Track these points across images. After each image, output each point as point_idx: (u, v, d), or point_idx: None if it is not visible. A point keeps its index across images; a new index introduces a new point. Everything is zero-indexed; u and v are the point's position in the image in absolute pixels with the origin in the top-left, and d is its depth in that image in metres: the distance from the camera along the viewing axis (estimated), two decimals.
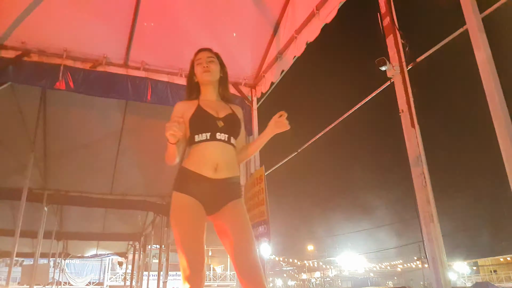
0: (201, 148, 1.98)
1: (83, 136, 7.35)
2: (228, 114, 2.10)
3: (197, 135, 2.01)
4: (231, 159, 2.03)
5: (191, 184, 1.93)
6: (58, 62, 4.47)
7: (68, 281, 25.50)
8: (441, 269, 2.69)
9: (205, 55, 2.23)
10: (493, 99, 2.32)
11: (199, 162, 1.96)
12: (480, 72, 2.44)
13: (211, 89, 2.21)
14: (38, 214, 8.81)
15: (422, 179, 2.93)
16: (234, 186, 2.01)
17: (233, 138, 2.06)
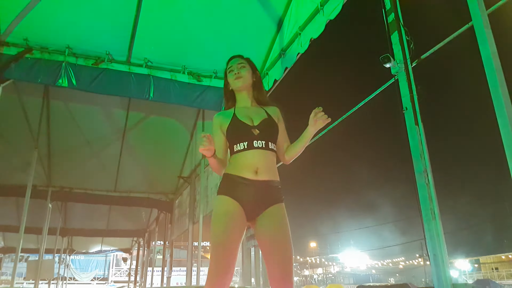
0: (241, 157, 2.01)
1: (87, 133, 7.38)
2: (263, 120, 2.11)
3: (235, 145, 2.04)
4: (271, 164, 2.05)
5: (233, 186, 1.96)
6: (60, 59, 4.48)
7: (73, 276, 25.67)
8: (442, 266, 2.68)
9: (235, 62, 2.27)
10: (497, 95, 2.30)
11: (239, 167, 1.99)
12: (485, 68, 2.41)
13: (245, 95, 2.23)
14: (42, 210, 8.86)
15: (425, 177, 2.92)
16: (275, 190, 2.02)
17: (272, 143, 2.07)
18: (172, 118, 7.34)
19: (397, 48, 3.30)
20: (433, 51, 3.13)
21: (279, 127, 2.17)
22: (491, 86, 2.36)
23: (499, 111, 2.27)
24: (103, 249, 18.24)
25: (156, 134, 7.64)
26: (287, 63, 4.67)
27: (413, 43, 3.29)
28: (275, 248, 1.87)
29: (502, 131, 2.26)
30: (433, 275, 2.66)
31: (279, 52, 4.76)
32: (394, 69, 3.25)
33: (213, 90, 5.27)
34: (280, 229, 1.92)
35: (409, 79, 3.18)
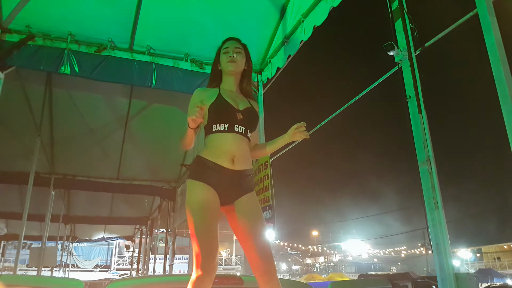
0: (218, 139, 1.98)
1: (90, 120, 7.38)
2: (248, 108, 2.09)
3: (215, 125, 2.00)
4: (247, 152, 2.03)
5: (208, 173, 1.92)
6: (63, 46, 4.46)
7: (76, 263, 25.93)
8: (444, 256, 2.70)
9: (232, 45, 2.21)
10: (501, 83, 2.29)
11: (216, 152, 1.95)
12: (489, 56, 2.40)
13: (232, 80, 2.19)
14: (45, 198, 8.91)
15: (428, 166, 2.92)
16: (249, 179, 2.02)
17: (249, 132, 2.06)
18: (175, 106, 7.32)
19: (401, 36, 3.28)
20: (437, 39, 3.11)
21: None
22: (495, 74, 2.35)
23: (504, 99, 2.26)
24: (105, 237, 18.37)
25: (158, 122, 7.62)
26: (290, 50, 4.64)
27: (417, 31, 3.26)
28: (253, 234, 1.88)
29: (506, 120, 2.25)
30: (435, 264, 2.68)
31: (282, 39, 4.74)
32: (398, 57, 3.23)
33: None
34: (256, 216, 1.94)
35: (412, 67, 3.16)
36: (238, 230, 1.94)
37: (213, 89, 2.15)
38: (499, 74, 2.30)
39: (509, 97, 2.23)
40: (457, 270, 2.71)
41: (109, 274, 27.11)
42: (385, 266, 52.07)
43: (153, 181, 10.06)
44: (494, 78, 2.35)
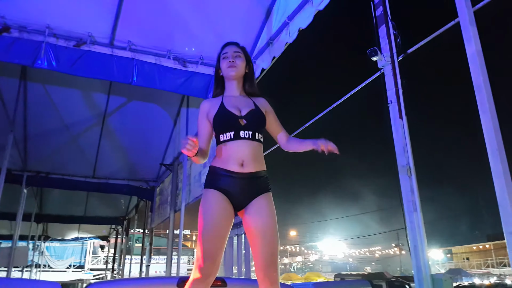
0: (226, 147, 1.99)
1: (66, 116, 7.18)
2: (251, 110, 2.08)
3: (221, 135, 2.01)
4: (258, 155, 2.02)
5: (219, 179, 1.95)
6: (40, 39, 4.32)
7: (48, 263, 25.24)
8: (422, 258, 2.76)
9: (231, 50, 2.20)
10: (480, 92, 2.35)
11: (225, 159, 1.97)
12: (470, 65, 2.46)
13: (235, 84, 2.18)
14: (16, 195, 8.62)
15: (407, 170, 2.97)
16: (261, 180, 2.01)
17: (259, 134, 2.05)
18: (155, 103, 7.22)
19: (384, 41, 3.33)
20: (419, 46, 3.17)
21: (268, 117, 2.15)
22: (475, 83, 2.41)
23: (482, 107, 2.33)
24: (80, 236, 17.97)
25: (138, 120, 7.49)
26: (275, 52, 4.64)
27: (400, 37, 3.32)
28: (261, 237, 1.88)
29: (484, 127, 2.31)
30: (413, 265, 2.73)
31: (267, 41, 4.73)
32: (381, 63, 3.28)
33: (199, 77, 5.19)
34: (267, 219, 1.93)
35: (394, 73, 3.22)
36: (249, 229, 1.94)
37: (216, 98, 2.15)
38: (479, 83, 2.36)
39: (487, 105, 2.29)
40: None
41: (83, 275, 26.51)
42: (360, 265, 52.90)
43: (130, 180, 9.88)
44: (473, 86, 2.41)
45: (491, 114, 2.31)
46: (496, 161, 2.22)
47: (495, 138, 2.25)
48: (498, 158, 2.21)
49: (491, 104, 2.31)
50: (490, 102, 2.32)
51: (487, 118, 2.30)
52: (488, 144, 2.28)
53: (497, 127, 2.26)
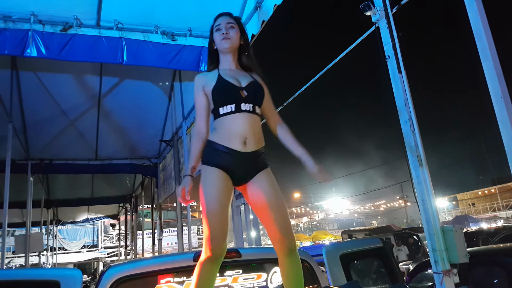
0: (227, 121, 1.93)
1: (61, 102, 7.13)
2: (250, 83, 2.02)
3: (221, 108, 1.95)
4: (258, 131, 2.00)
5: (220, 157, 1.90)
6: (26, 27, 4.21)
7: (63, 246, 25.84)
8: (430, 210, 2.79)
9: (224, 21, 2.11)
10: (481, 39, 2.29)
11: (227, 136, 1.91)
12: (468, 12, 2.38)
13: (230, 57, 2.11)
14: (24, 184, 8.71)
15: (410, 124, 2.95)
16: (262, 157, 1.99)
17: (258, 107, 2.01)
18: (148, 80, 7.13)
19: None
20: None
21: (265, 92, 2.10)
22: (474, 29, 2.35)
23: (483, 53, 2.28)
24: (90, 217, 18.29)
25: (132, 98, 7.43)
26: (264, 15, 4.50)
27: None
28: (271, 208, 1.89)
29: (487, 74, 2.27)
30: (422, 219, 2.77)
31: (255, 4, 4.59)
32: (375, 17, 3.18)
33: (189, 49, 5.07)
34: (272, 191, 1.93)
35: (390, 26, 3.13)
36: (256, 205, 1.95)
37: (213, 71, 2.08)
38: (478, 29, 2.30)
39: (489, 52, 2.24)
40: None
41: (97, 253, 27.21)
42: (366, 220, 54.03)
43: (133, 158, 9.93)
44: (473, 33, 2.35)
45: (493, 61, 2.26)
46: (501, 108, 2.19)
47: (498, 85, 2.21)
48: (503, 105, 2.18)
49: (493, 51, 2.26)
50: (492, 49, 2.26)
51: (490, 65, 2.26)
52: (492, 91, 2.25)
53: (500, 74, 2.22)
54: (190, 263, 2.16)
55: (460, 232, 2.62)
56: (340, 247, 2.90)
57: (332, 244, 3.11)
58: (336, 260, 2.63)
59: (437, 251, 2.69)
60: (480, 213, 34.96)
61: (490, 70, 2.26)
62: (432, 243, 2.73)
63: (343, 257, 2.67)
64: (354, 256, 2.89)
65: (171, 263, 2.29)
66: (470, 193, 37.82)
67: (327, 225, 52.53)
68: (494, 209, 34.27)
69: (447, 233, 2.65)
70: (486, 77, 2.30)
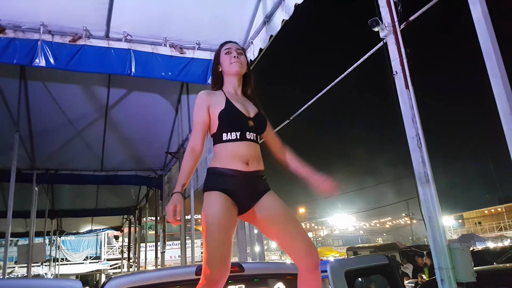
0: (230, 147, 1.91)
1: (68, 112, 7.17)
2: (257, 114, 2.04)
3: (225, 133, 1.92)
4: (259, 156, 1.99)
5: (223, 180, 1.86)
6: (35, 37, 4.27)
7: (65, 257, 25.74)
8: (437, 228, 2.74)
9: (234, 46, 2.16)
10: (490, 57, 2.28)
11: (230, 159, 1.88)
12: (476, 29, 2.38)
13: (235, 82, 2.11)
14: (28, 194, 8.71)
15: (417, 141, 2.93)
16: (264, 180, 1.98)
17: (259, 137, 2.03)
18: (155, 93, 7.17)
19: (384, 10, 3.23)
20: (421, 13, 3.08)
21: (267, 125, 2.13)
22: (483, 47, 2.33)
23: (493, 71, 2.26)
24: (93, 228, 18.22)
25: (140, 110, 7.46)
26: (272, 30, 4.55)
27: (400, 5, 3.22)
28: (289, 225, 1.86)
29: (496, 91, 2.25)
30: (428, 237, 2.72)
31: (263, 19, 4.63)
32: (383, 33, 3.19)
33: (197, 62, 5.12)
34: (284, 208, 1.91)
35: (397, 42, 3.13)
36: (270, 227, 1.90)
37: (218, 92, 2.07)
38: (487, 47, 2.29)
39: (497, 70, 2.23)
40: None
41: (100, 265, 27.04)
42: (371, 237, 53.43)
43: (138, 170, 9.92)
44: (481, 51, 2.34)
45: (502, 79, 2.24)
46: (510, 125, 2.17)
47: (507, 102, 2.19)
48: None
49: (502, 68, 2.24)
50: (501, 66, 2.25)
51: (498, 82, 2.24)
52: (500, 109, 2.22)
53: (509, 91, 2.20)
54: (192, 276, 2.13)
55: (467, 251, 2.56)
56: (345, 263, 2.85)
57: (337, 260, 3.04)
58: (341, 277, 2.58)
59: (444, 269, 2.64)
60: (486, 232, 34.44)
61: (499, 87, 2.23)
62: (438, 261, 2.67)
63: (348, 273, 2.62)
64: (359, 273, 2.84)
65: (172, 276, 2.26)
66: (477, 212, 37.36)
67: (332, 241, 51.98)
68: (500, 228, 33.76)
69: (453, 251, 2.60)
70: (494, 94, 2.27)
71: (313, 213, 51.98)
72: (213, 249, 1.72)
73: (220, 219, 1.77)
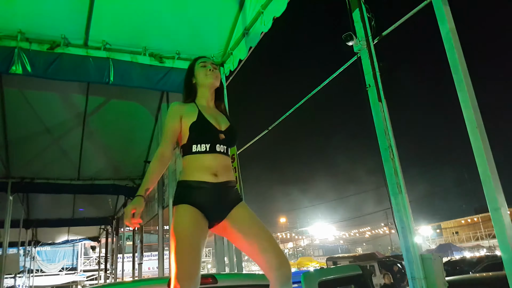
0: (199, 159, 1.91)
1: (46, 119, 7.05)
2: (229, 127, 2.06)
3: (195, 145, 1.94)
4: (229, 166, 1.99)
5: (192, 193, 1.86)
6: (12, 44, 4.21)
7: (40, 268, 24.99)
8: (410, 238, 2.80)
9: (209, 61, 2.21)
10: (457, 71, 2.37)
11: (198, 171, 1.89)
12: (445, 44, 2.48)
13: (207, 95, 2.15)
14: (2, 203, 8.48)
15: (389, 152, 3.00)
16: (234, 190, 1.98)
17: (229, 149, 2.04)
18: (135, 102, 7.13)
19: (358, 25, 3.32)
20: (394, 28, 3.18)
21: None
22: (450, 61, 2.43)
23: (459, 85, 2.35)
24: (70, 239, 17.79)
25: (118, 119, 7.40)
26: (251, 42, 4.62)
27: (374, 20, 3.32)
28: (259, 237, 1.85)
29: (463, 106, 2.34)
30: (401, 247, 2.78)
31: (243, 31, 4.69)
32: (357, 47, 3.28)
33: (176, 72, 5.12)
34: (255, 221, 1.91)
35: (371, 56, 3.22)
36: (241, 240, 1.89)
37: (191, 104, 2.09)
38: (454, 62, 2.39)
39: (464, 84, 2.32)
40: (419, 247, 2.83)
41: (76, 277, 26.35)
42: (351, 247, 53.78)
43: (116, 179, 9.76)
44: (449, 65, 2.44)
45: (469, 92, 2.34)
46: (476, 138, 2.25)
47: (473, 115, 2.28)
48: (478, 136, 2.24)
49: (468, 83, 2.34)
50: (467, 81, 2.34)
51: (465, 97, 2.33)
52: (467, 122, 2.31)
53: (476, 105, 2.30)
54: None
55: (439, 260, 2.63)
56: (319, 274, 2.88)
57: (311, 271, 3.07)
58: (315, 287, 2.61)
59: (416, 279, 2.70)
60: (463, 241, 35.14)
61: (465, 101, 2.33)
62: (411, 271, 2.73)
63: (321, 284, 2.65)
64: (333, 283, 2.87)
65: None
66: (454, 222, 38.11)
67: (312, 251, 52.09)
68: (477, 238, 34.50)
69: (426, 261, 2.66)
70: (462, 108, 2.37)
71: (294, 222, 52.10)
72: (182, 262, 1.68)
73: (189, 232, 1.76)
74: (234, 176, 2.05)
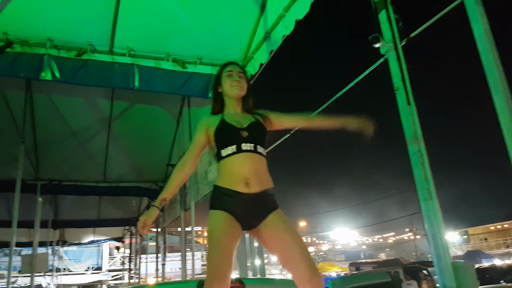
0: (229, 163, 1.94)
1: (72, 124, 7.24)
2: (251, 123, 2.06)
3: (223, 149, 1.97)
4: (261, 170, 1.98)
5: (225, 200, 1.90)
6: (42, 51, 4.33)
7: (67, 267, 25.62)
8: (440, 245, 2.70)
9: (235, 69, 2.21)
10: (492, 73, 2.27)
11: (229, 178, 1.92)
12: (478, 46, 2.38)
13: (235, 102, 2.18)
14: (32, 204, 8.72)
15: (419, 157, 2.91)
16: (269, 198, 1.97)
17: (260, 147, 2.01)
18: (157, 106, 7.23)
19: (385, 27, 3.24)
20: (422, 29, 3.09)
21: (271, 117, 2.16)
22: (484, 63, 2.33)
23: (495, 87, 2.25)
24: (95, 239, 18.16)
25: (142, 123, 7.52)
26: (273, 45, 4.56)
27: (401, 22, 3.23)
28: (293, 249, 1.84)
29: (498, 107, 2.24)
30: (432, 255, 2.68)
31: (264, 34, 4.65)
32: (384, 49, 3.20)
33: (198, 77, 5.17)
34: (289, 231, 1.89)
35: (398, 58, 3.13)
36: (275, 248, 1.91)
37: (217, 115, 2.14)
38: (489, 63, 2.29)
39: (500, 86, 2.22)
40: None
41: (101, 276, 26.89)
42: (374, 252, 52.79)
43: (139, 182, 9.90)
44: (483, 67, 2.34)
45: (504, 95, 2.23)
46: None
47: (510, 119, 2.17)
48: None
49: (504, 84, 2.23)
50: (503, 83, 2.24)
51: (501, 99, 2.23)
52: (503, 126, 2.21)
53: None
54: None
55: (472, 269, 2.53)
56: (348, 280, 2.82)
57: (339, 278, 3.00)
58: None
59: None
60: (493, 248, 33.90)
61: (502, 105, 2.22)
62: (442, 280, 2.63)
63: None
64: None
65: None
66: (483, 228, 36.84)
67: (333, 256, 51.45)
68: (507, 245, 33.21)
69: (458, 270, 2.56)
70: (497, 111, 2.26)
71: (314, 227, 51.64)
72: (213, 267, 1.76)
73: (220, 237, 1.82)
74: (270, 181, 2.01)
